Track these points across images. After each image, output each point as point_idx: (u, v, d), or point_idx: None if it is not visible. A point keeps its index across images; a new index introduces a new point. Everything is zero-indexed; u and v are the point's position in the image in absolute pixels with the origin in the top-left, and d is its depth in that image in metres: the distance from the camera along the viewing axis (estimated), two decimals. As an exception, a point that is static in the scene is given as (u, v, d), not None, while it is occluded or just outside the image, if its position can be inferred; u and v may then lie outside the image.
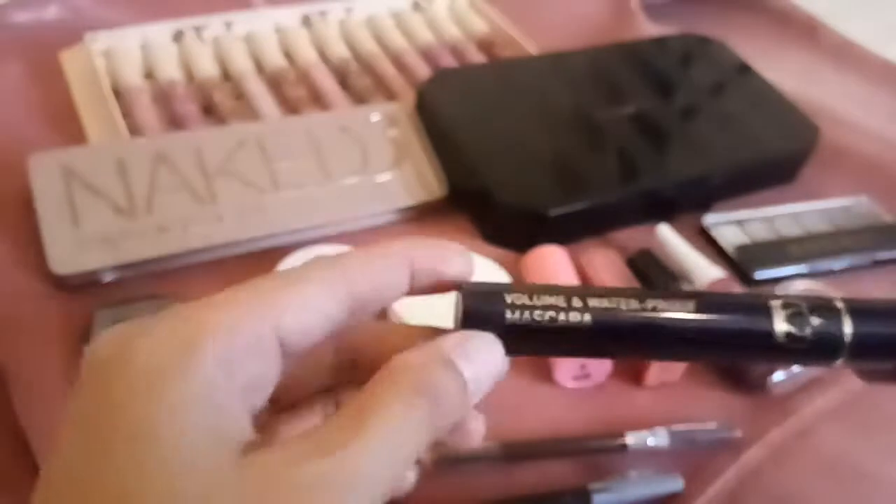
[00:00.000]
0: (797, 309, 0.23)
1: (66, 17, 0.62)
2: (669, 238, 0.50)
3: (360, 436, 0.18)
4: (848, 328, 0.23)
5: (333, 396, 0.25)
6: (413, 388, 0.19)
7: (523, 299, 0.22)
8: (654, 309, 0.22)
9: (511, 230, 0.50)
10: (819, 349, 0.23)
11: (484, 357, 0.22)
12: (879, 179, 0.59)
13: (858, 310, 0.23)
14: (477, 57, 0.65)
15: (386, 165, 0.51)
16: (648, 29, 0.70)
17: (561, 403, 0.42)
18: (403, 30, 0.66)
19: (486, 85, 0.57)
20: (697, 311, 0.22)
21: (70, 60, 0.58)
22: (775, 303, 0.23)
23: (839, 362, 0.23)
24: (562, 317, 0.22)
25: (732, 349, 0.23)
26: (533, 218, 0.49)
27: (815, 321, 0.23)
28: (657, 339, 0.22)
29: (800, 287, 0.48)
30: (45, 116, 0.54)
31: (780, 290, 0.48)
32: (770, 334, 0.22)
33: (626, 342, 0.22)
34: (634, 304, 0.22)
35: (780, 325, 0.22)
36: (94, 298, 0.42)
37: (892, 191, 0.58)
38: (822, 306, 0.23)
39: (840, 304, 0.23)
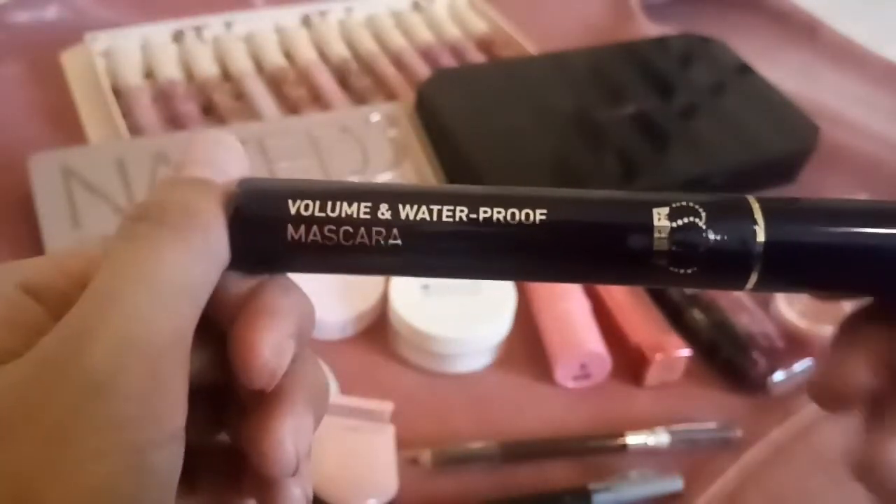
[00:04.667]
0: (686, 208, 0.17)
1: (66, 17, 0.62)
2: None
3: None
4: (761, 235, 0.17)
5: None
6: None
7: (313, 207, 0.18)
8: (486, 221, 0.17)
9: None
10: (721, 262, 0.17)
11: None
12: (879, 179, 0.59)
13: (777, 211, 0.18)
14: (477, 57, 0.65)
15: (386, 165, 0.51)
16: (648, 29, 0.70)
17: (561, 403, 0.42)
18: (403, 29, 0.66)
19: (486, 85, 0.57)
20: (548, 224, 0.17)
21: (70, 60, 0.58)
22: (659, 209, 0.18)
23: (752, 281, 0.18)
24: (362, 237, 0.18)
25: (595, 267, 0.18)
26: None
27: (716, 226, 0.17)
28: (490, 257, 0.18)
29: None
30: (45, 116, 0.54)
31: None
32: (648, 244, 0.17)
33: (448, 257, 0.18)
34: (463, 212, 0.18)
35: (662, 230, 0.17)
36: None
37: (892, 191, 0.58)
38: (726, 205, 0.18)
39: (754, 204, 0.18)
